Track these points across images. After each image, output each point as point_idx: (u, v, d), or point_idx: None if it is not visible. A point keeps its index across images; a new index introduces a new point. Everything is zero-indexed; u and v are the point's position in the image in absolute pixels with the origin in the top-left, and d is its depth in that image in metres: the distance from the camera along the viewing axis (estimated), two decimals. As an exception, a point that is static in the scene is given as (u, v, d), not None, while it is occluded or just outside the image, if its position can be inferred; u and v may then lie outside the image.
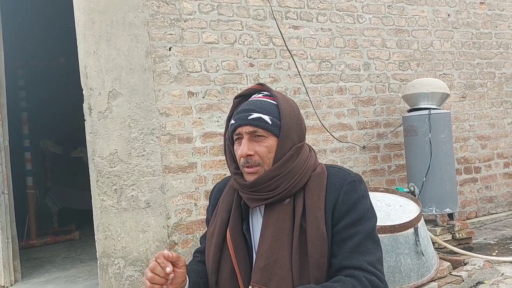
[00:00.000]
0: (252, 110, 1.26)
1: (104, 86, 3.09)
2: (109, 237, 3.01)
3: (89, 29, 3.10)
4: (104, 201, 3.01)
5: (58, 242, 5.13)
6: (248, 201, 1.23)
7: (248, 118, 1.24)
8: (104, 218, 3.01)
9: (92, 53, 3.09)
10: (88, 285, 3.27)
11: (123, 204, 3.05)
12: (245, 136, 1.25)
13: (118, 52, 3.14)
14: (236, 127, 1.26)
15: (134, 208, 3.07)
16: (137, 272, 3.02)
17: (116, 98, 3.09)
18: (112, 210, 3.02)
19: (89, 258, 4.11)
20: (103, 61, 3.11)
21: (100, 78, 3.09)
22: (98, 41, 3.10)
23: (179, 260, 1.19)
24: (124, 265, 3.00)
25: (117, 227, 3.02)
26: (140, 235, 3.07)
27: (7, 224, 3.40)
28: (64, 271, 3.81)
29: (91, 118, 3.04)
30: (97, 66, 3.09)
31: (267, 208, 1.22)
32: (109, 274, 2.98)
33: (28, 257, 4.40)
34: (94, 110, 3.05)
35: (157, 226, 3.12)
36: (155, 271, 1.20)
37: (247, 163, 1.23)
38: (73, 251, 4.64)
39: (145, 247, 3.07)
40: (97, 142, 2.99)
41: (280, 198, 1.18)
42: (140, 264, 3.04)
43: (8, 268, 3.37)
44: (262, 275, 1.14)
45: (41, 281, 3.51)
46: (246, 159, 1.23)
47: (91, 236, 4.51)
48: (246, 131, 1.25)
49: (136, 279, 3.01)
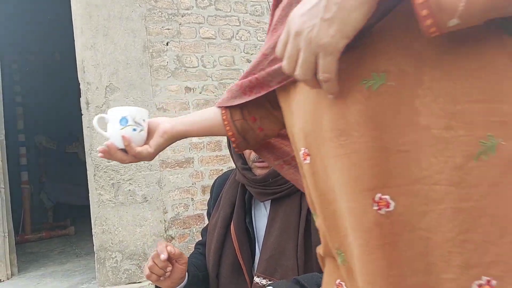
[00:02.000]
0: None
1: (101, 81, 3.09)
2: (106, 231, 3.02)
3: (86, 23, 3.09)
4: (101, 195, 3.02)
5: (53, 237, 5.13)
6: (258, 195, 1.25)
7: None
8: (102, 212, 3.02)
9: (89, 47, 3.09)
10: (85, 279, 3.28)
11: (120, 199, 3.05)
12: None
13: (115, 47, 3.14)
14: None
15: (131, 202, 3.08)
16: (134, 265, 3.03)
17: (114, 93, 3.10)
18: (110, 204, 3.03)
19: (85, 253, 4.12)
20: (100, 55, 3.11)
21: (97, 73, 3.09)
22: (95, 35, 3.10)
23: (181, 257, 1.21)
24: (121, 258, 3.02)
25: (114, 221, 3.03)
26: (137, 229, 3.08)
27: (3, 218, 3.40)
28: (60, 265, 3.81)
29: (89, 112, 3.05)
30: (94, 61, 3.09)
31: (274, 201, 1.24)
32: (107, 268, 2.99)
33: (24, 251, 4.40)
34: (92, 104, 3.05)
35: (154, 220, 3.14)
36: (155, 259, 1.22)
37: (259, 158, 1.24)
38: (68, 246, 4.64)
39: (142, 241, 3.09)
40: (94, 137, 3.00)
41: (288, 193, 1.20)
42: (137, 258, 3.05)
43: (4, 262, 3.37)
44: (268, 266, 1.16)
45: (38, 275, 3.52)
46: (252, 160, 1.25)
47: (86, 231, 4.53)
48: None
49: (133, 273, 3.02)
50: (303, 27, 0.56)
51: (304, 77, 0.58)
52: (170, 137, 0.96)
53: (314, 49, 0.55)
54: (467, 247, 0.55)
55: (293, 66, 0.59)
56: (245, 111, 0.94)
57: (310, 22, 0.55)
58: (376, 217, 0.59)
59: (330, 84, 0.57)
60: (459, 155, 0.55)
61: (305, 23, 0.56)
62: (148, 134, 0.96)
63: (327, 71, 0.56)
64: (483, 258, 0.55)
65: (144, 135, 0.95)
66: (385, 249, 0.58)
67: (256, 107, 0.93)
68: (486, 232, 0.55)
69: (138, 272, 3.02)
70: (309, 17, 0.55)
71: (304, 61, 0.57)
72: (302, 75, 0.58)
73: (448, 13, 0.50)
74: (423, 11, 0.50)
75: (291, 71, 0.59)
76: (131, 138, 0.92)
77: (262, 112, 0.94)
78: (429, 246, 0.56)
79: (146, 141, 0.96)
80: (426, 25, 0.51)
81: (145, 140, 0.96)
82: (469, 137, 0.55)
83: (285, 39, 0.59)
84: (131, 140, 0.92)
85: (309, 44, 0.55)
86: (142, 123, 0.94)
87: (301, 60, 0.57)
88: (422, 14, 0.50)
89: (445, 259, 0.56)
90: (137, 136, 0.93)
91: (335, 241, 0.68)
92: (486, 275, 0.54)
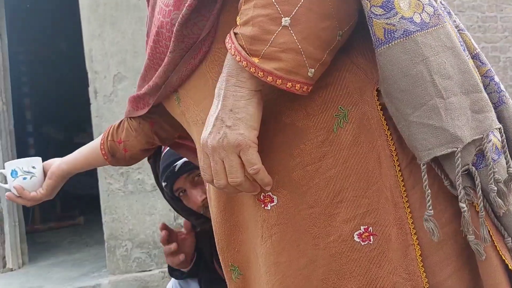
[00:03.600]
0: (173, 160, 1.27)
1: (109, 70, 3.09)
2: (116, 220, 3.03)
3: (93, 13, 3.08)
4: (111, 185, 3.03)
5: (62, 227, 5.16)
6: None
7: (175, 170, 1.25)
8: (111, 201, 3.03)
9: (97, 36, 3.08)
10: (95, 268, 3.31)
11: (130, 187, 3.07)
12: (186, 186, 1.27)
13: (122, 36, 3.13)
14: (172, 185, 1.27)
15: (140, 191, 3.09)
16: (144, 254, 3.05)
17: (122, 82, 3.09)
18: (119, 193, 3.04)
19: (95, 242, 4.15)
20: (108, 44, 3.10)
21: (105, 62, 3.08)
22: (102, 24, 3.09)
23: (185, 231, 1.31)
24: (131, 247, 3.03)
25: (124, 210, 3.04)
26: (147, 218, 3.09)
27: (14, 207, 3.43)
28: (70, 254, 3.84)
29: (97, 101, 3.05)
30: (102, 50, 3.08)
31: None
32: (117, 256, 3.01)
33: (34, 241, 4.43)
34: (100, 93, 3.05)
35: (163, 209, 3.14)
36: (164, 241, 1.25)
37: (206, 208, 1.25)
38: (78, 235, 4.68)
39: (151, 230, 3.10)
40: (103, 126, 3.00)
41: None
42: (147, 247, 3.07)
43: (16, 251, 3.40)
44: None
45: (48, 264, 3.55)
46: (203, 205, 1.25)
47: (95, 221, 4.56)
48: (183, 182, 1.26)
49: (143, 261, 3.04)
50: (216, 141, 0.62)
51: (239, 179, 0.63)
52: (58, 177, 1.14)
53: (234, 150, 0.61)
54: (343, 206, 0.63)
55: (225, 178, 0.63)
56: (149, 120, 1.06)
57: (219, 135, 0.62)
58: (263, 212, 0.67)
59: (260, 175, 0.63)
60: (320, 133, 0.65)
61: (215, 138, 0.62)
62: (45, 175, 1.14)
63: (253, 163, 0.62)
64: (357, 211, 0.63)
65: (36, 180, 1.11)
66: (273, 240, 0.67)
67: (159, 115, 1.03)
68: (355, 188, 0.63)
69: (148, 260, 3.03)
70: (215, 132, 0.62)
71: (231, 166, 0.62)
72: (237, 179, 0.63)
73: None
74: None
75: (225, 184, 0.64)
76: (23, 186, 1.09)
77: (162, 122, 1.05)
78: (312, 219, 0.65)
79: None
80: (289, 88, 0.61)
81: (41, 182, 1.13)
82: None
83: (207, 162, 0.65)
84: (23, 188, 1.09)
85: (228, 150, 0.61)
86: (32, 171, 1.10)
87: (228, 167, 0.62)
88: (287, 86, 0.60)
89: (327, 223, 0.64)
90: (28, 183, 1.10)
91: (228, 258, 0.77)
92: (363, 225, 0.63)
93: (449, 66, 0.59)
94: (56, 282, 3.08)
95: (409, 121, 0.59)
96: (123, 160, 1.11)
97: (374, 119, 0.64)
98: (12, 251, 3.37)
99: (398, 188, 0.63)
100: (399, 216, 0.62)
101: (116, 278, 2.97)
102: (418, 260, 0.62)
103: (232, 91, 0.61)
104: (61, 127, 6.27)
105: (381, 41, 0.59)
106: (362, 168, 0.63)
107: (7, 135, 3.43)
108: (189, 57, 0.72)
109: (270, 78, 0.59)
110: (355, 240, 0.63)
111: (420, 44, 0.58)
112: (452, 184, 0.61)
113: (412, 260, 0.62)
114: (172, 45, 0.72)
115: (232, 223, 0.74)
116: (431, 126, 0.58)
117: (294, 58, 0.59)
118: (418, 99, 0.59)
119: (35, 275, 3.28)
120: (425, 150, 0.59)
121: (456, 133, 0.58)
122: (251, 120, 0.61)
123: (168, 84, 0.78)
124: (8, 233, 3.37)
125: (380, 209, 0.62)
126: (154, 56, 0.79)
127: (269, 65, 0.59)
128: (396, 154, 0.63)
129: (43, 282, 3.11)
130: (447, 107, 0.58)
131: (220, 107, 0.61)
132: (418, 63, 0.58)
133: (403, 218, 0.62)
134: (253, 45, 0.59)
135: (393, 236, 0.62)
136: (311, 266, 0.64)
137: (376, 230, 0.63)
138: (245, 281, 0.75)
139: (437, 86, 0.58)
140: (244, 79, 0.60)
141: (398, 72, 0.59)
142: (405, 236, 0.62)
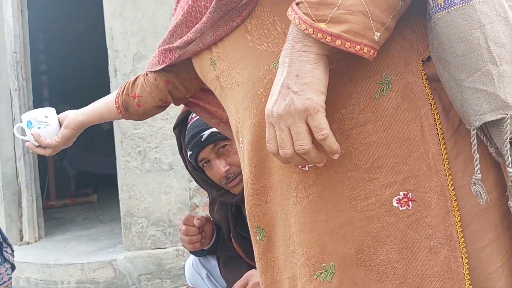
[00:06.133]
0: (200, 130, 1.27)
1: (129, 49, 3.10)
2: (132, 197, 3.08)
3: (114, -9, 3.09)
4: (128, 162, 3.07)
5: (77, 204, 5.24)
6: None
7: (202, 140, 1.26)
8: (128, 179, 3.07)
9: (118, 15, 3.10)
10: (110, 243, 3.37)
11: (147, 166, 3.10)
12: (210, 157, 1.27)
13: (143, 15, 3.14)
14: (197, 154, 1.27)
15: (157, 170, 3.12)
16: (160, 232, 3.10)
17: (141, 61, 3.11)
18: (136, 172, 3.08)
19: (109, 219, 4.21)
20: (128, 23, 3.11)
21: (125, 40, 3.10)
22: (123, 3, 3.10)
23: (207, 221, 1.33)
24: (147, 224, 3.08)
25: (141, 188, 3.09)
26: (163, 196, 3.13)
27: (32, 182, 3.49)
28: (85, 230, 3.91)
29: (116, 80, 3.07)
30: (123, 28, 3.10)
31: None
32: (132, 233, 3.06)
33: (49, 217, 4.50)
34: (119, 72, 3.08)
35: (179, 188, 3.18)
36: (188, 222, 1.27)
37: (228, 179, 1.25)
38: (92, 212, 4.75)
39: (167, 208, 3.14)
40: (122, 104, 3.03)
41: None
42: (163, 225, 3.11)
43: (32, 225, 3.47)
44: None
45: (64, 239, 3.62)
46: (226, 176, 1.25)
47: (108, 199, 4.63)
48: (209, 152, 1.26)
49: (158, 239, 3.09)
50: (282, 108, 0.61)
51: (307, 147, 0.62)
52: (74, 128, 1.18)
53: (301, 116, 0.61)
54: (382, 171, 0.64)
55: (292, 147, 0.63)
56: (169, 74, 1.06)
57: (285, 102, 0.61)
58: (300, 173, 0.69)
59: (329, 141, 0.62)
60: (362, 99, 0.66)
61: (280, 105, 0.61)
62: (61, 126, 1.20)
63: (321, 129, 0.61)
64: (397, 177, 0.64)
65: (51, 129, 1.17)
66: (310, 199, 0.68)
67: (175, 72, 1.04)
68: (396, 154, 0.64)
69: (163, 238, 3.08)
70: (281, 99, 0.61)
71: (298, 133, 0.61)
72: (304, 145, 0.62)
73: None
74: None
75: (292, 153, 0.63)
76: (39, 134, 1.16)
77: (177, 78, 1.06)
78: (350, 182, 0.66)
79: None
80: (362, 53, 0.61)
81: (57, 131, 1.19)
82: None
83: (272, 131, 0.64)
84: (39, 136, 1.16)
85: (295, 116, 0.61)
86: (45, 120, 1.16)
87: (295, 134, 0.62)
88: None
89: (365, 187, 0.65)
90: (43, 132, 1.16)
91: (255, 219, 0.78)
92: (402, 190, 0.64)
93: (502, 35, 0.60)
94: (73, 256, 3.15)
95: (462, 86, 0.60)
96: (136, 115, 1.14)
97: (418, 89, 0.65)
98: (30, 225, 3.44)
99: (440, 156, 0.64)
100: (440, 183, 0.64)
101: (131, 254, 3.02)
102: (457, 225, 0.63)
103: (298, 56, 0.61)
104: (78, 105, 6.31)
105: (440, 6, 0.60)
106: (403, 136, 0.64)
107: (26, 111, 3.47)
108: (229, 19, 0.73)
109: (338, 42, 0.59)
110: (393, 205, 0.64)
111: (478, 11, 0.59)
112: (498, 152, 0.62)
113: (451, 225, 0.63)
114: (213, 5, 0.73)
115: (262, 184, 0.76)
116: (484, 91, 0.59)
117: (362, 20, 0.59)
118: (473, 65, 0.59)
119: (51, 248, 3.35)
120: (477, 115, 0.60)
121: (507, 99, 0.59)
122: (318, 84, 0.61)
123: (201, 41, 0.79)
124: (25, 207, 3.43)
125: (421, 176, 0.64)
126: (190, 15, 0.80)
127: (337, 28, 0.59)
128: (440, 123, 0.65)
129: (59, 255, 3.18)
130: (500, 74, 0.59)
131: (286, 74, 0.61)
132: (476, 29, 0.59)
133: (444, 185, 0.64)
134: (319, 10, 0.60)
135: (433, 202, 0.64)
136: (348, 227, 0.66)
137: (416, 196, 0.64)
138: (269, 243, 0.77)
139: (492, 53, 0.59)
140: (310, 43, 0.60)
141: (455, 37, 0.60)
142: (445, 203, 0.63)
